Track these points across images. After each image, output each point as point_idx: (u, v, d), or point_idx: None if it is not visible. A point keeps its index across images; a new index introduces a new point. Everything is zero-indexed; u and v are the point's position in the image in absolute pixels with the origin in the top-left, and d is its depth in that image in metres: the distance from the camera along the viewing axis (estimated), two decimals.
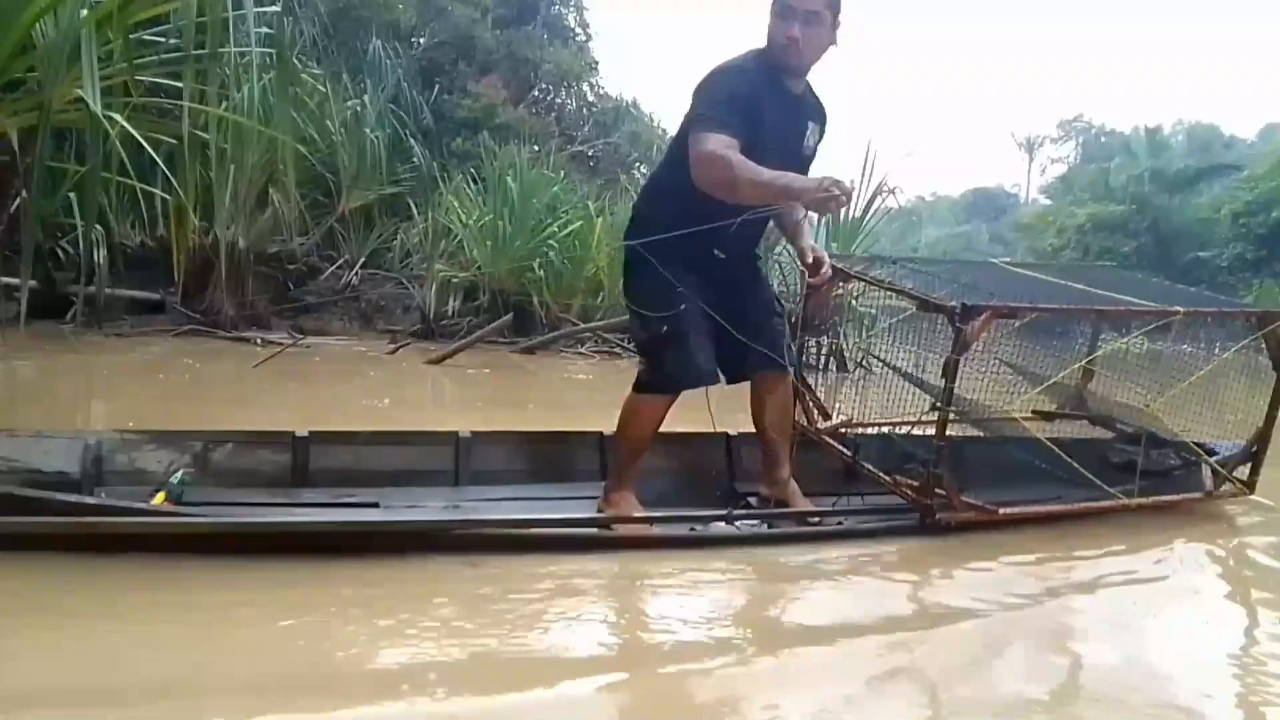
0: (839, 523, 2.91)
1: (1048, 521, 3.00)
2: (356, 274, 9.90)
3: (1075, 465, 2.91)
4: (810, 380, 3.61)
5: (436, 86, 12.72)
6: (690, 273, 2.79)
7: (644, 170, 15.48)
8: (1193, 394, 3.29)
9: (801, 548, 2.66)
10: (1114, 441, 3.46)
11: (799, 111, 2.81)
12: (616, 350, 9.23)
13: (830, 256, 3.06)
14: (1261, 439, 3.31)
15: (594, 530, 2.66)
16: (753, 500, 3.18)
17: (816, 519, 2.92)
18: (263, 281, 9.10)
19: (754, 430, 3.14)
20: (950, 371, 2.73)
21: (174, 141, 4.51)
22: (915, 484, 2.86)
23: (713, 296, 2.85)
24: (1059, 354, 3.48)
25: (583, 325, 9.19)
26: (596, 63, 15.77)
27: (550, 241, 9.49)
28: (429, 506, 2.93)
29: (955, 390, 2.78)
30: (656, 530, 2.74)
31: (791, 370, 3.09)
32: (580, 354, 9.11)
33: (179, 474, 2.80)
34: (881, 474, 2.99)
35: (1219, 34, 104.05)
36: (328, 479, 3.01)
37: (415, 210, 10.35)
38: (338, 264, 9.89)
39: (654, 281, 2.80)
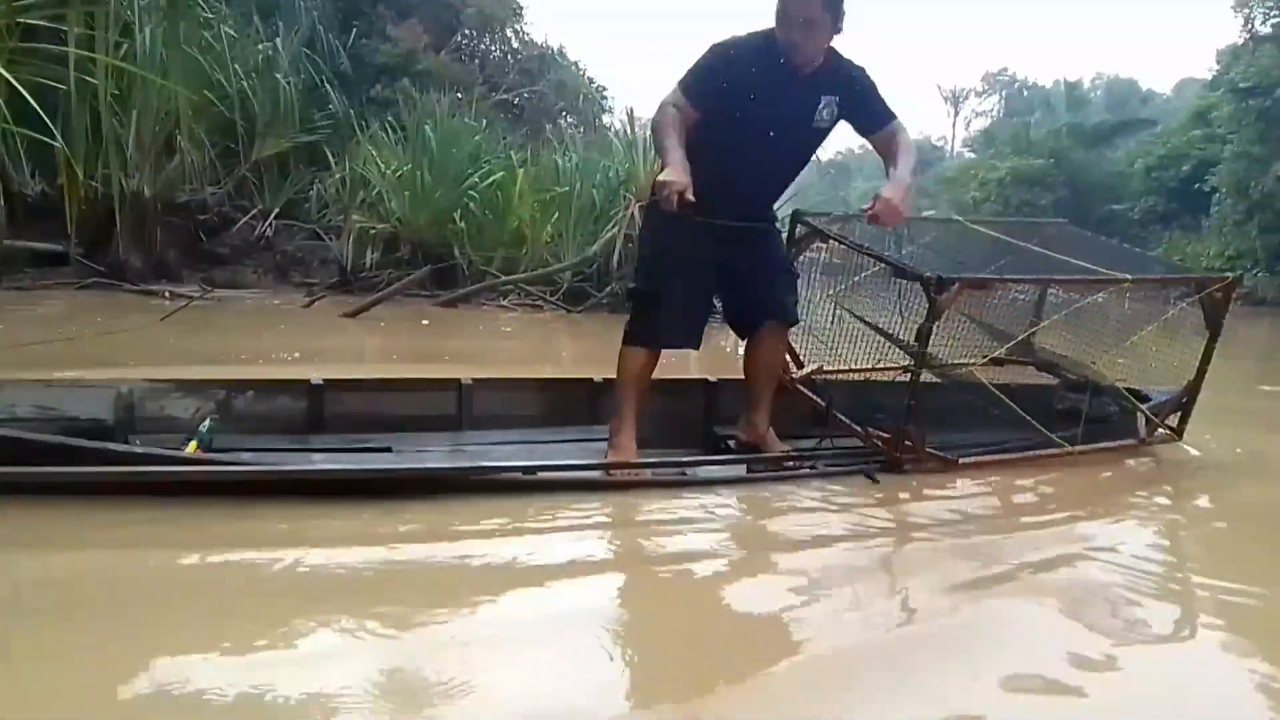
0: (811, 466, 3.05)
1: (1011, 465, 3.22)
2: (271, 225, 9.63)
3: (1026, 416, 3.17)
4: None
5: (354, 30, 12.32)
6: (696, 227, 2.85)
7: (571, 120, 15.33)
8: (1133, 346, 3.56)
9: (780, 486, 2.85)
10: (1059, 388, 3.67)
11: (808, 87, 2.92)
12: (539, 303, 9.19)
13: (807, 216, 3.30)
14: (1191, 391, 3.59)
15: (596, 474, 2.82)
16: (731, 444, 3.32)
17: (792, 463, 3.07)
18: (172, 233, 8.82)
19: (730, 377, 3.34)
20: (924, 338, 2.92)
21: (63, 88, 4.32)
22: (885, 435, 3.05)
23: (724, 255, 3.02)
24: (1012, 307, 3.68)
25: (505, 277, 9.11)
26: (521, 8, 15.44)
27: (471, 192, 9.35)
28: (437, 451, 3.10)
29: (916, 374, 2.98)
30: (649, 474, 2.90)
31: (796, 323, 3.26)
32: (503, 306, 9.05)
33: (206, 422, 2.88)
34: (854, 425, 3.16)
35: None
36: (341, 424, 3.13)
37: (332, 159, 10.07)
38: (251, 214, 9.60)
39: (649, 243, 3.12)
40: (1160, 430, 3.64)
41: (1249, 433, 4.33)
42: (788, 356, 3.44)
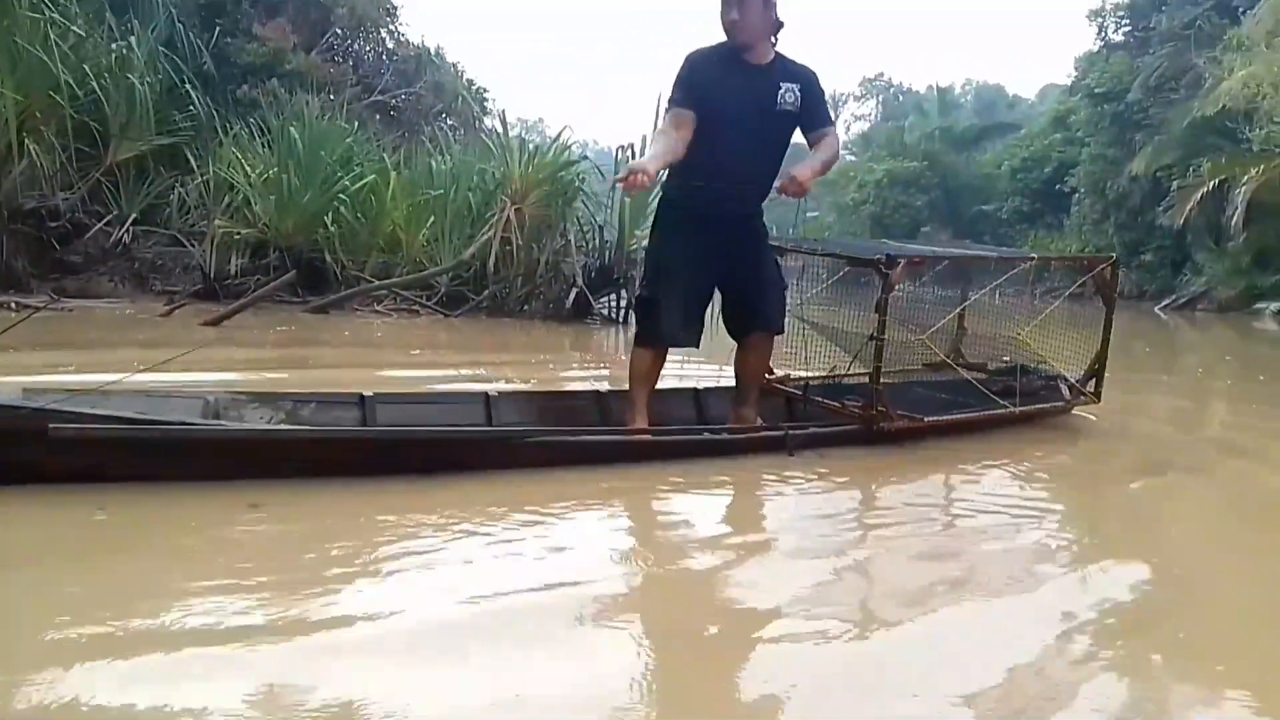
0: (795, 432, 3.57)
1: (959, 430, 3.91)
2: (128, 231, 9.19)
3: (977, 384, 3.95)
4: None
5: (217, 29, 11.87)
6: (692, 231, 3.45)
7: (450, 122, 15.14)
8: (1046, 331, 4.33)
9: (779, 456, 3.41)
10: (992, 376, 4.28)
11: (766, 77, 3.38)
12: (415, 308, 9.05)
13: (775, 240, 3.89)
14: (1100, 359, 4.29)
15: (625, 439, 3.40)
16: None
17: (783, 434, 3.55)
18: (19, 241, 8.35)
19: (716, 386, 3.99)
20: (882, 308, 3.55)
21: None
22: (859, 407, 3.69)
23: (723, 266, 3.50)
24: (941, 306, 4.34)
25: (379, 282, 8.94)
26: (396, 8, 15.15)
27: (342, 196, 9.12)
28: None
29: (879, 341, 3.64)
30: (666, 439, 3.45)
31: (781, 333, 3.83)
32: (377, 312, 8.86)
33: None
34: (832, 403, 3.82)
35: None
36: None
37: (194, 163, 9.67)
38: (106, 220, 9.14)
39: (652, 251, 3.65)
40: (1081, 397, 4.33)
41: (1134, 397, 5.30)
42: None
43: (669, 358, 3.69)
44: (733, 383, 3.82)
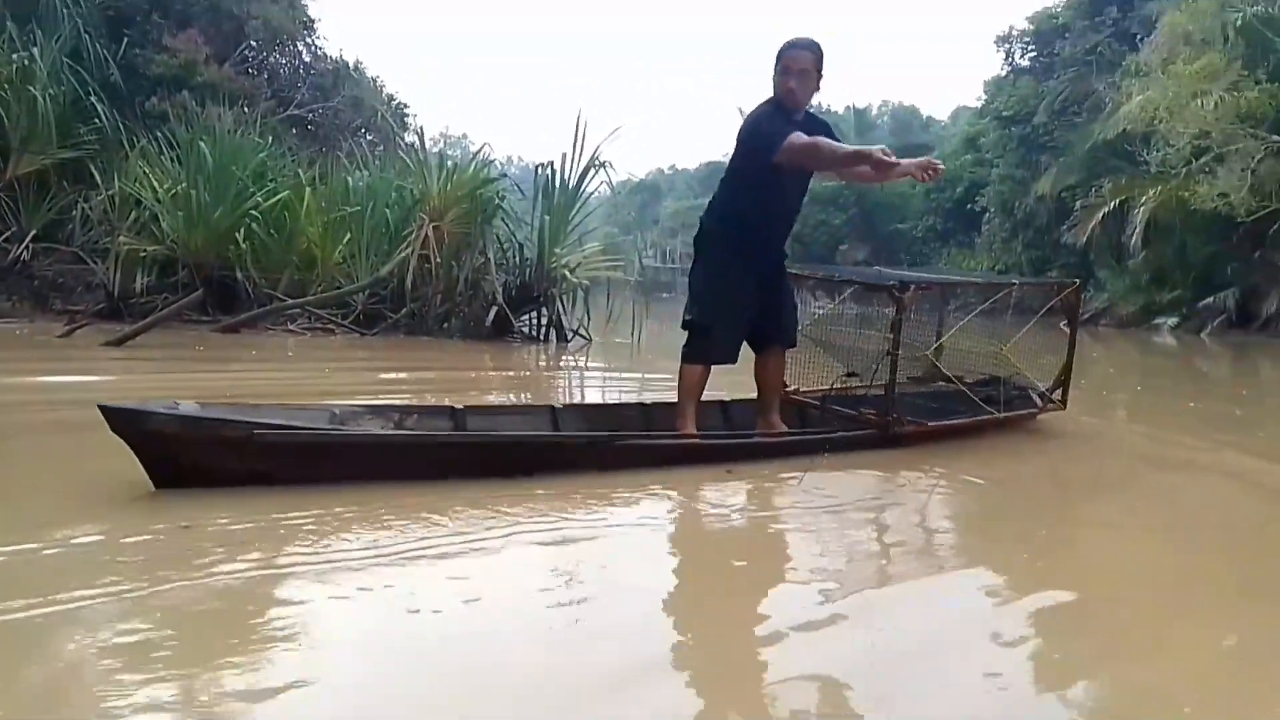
0: (823, 436, 4.04)
1: (956, 434, 4.34)
2: (28, 248, 8.88)
3: (970, 394, 4.44)
4: None
5: (126, 40, 11.55)
6: (742, 268, 3.89)
7: (370, 137, 14.93)
8: (1020, 347, 4.73)
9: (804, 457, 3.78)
10: (973, 387, 4.65)
11: (805, 127, 3.79)
12: (331, 327, 8.89)
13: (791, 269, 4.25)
14: (1066, 370, 4.75)
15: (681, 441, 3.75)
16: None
17: (822, 438, 4.00)
18: None
19: (740, 397, 4.36)
20: (896, 328, 4.01)
21: None
22: (874, 413, 4.12)
23: (754, 286, 3.92)
24: (924, 328, 4.69)
25: (292, 300, 8.76)
26: (313, 20, 14.93)
27: (254, 212, 8.94)
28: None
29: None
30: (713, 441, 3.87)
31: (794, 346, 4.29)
32: (290, 331, 8.69)
33: None
34: (849, 411, 4.25)
35: (925, 21, 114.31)
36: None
37: (99, 177, 9.38)
38: (4, 236, 8.81)
39: (701, 280, 3.94)
40: (1050, 404, 4.79)
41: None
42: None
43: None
44: (736, 395, 4.36)
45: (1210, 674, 1.95)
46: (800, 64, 3.78)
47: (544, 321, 9.58)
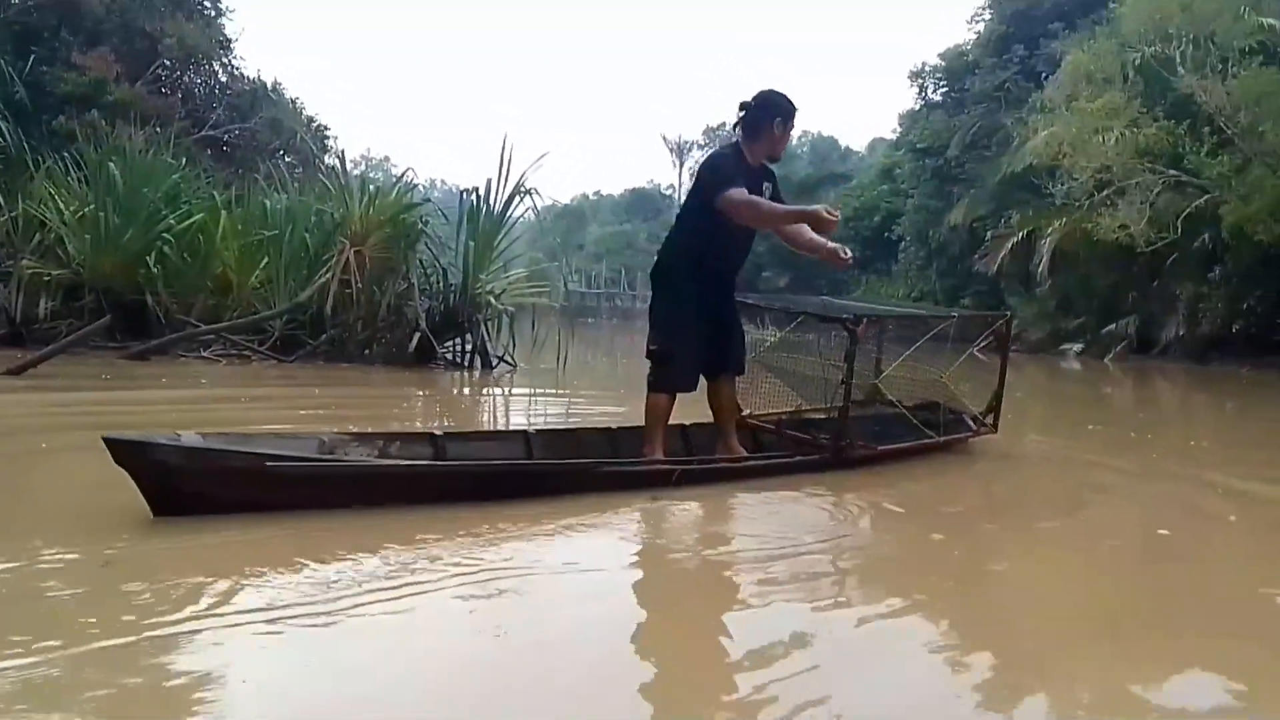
0: (783, 460, 4.30)
1: (903, 455, 4.61)
2: None
3: (915, 421, 4.68)
4: None
5: (32, 57, 11.18)
6: (699, 300, 4.06)
7: (289, 160, 14.66)
8: (953, 374, 5.02)
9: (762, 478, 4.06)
10: (915, 411, 4.87)
11: (758, 176, 4.13)
12: (247, 353, 8.66)
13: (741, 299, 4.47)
14: (996, 397, 5.11)
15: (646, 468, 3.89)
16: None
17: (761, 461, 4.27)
18: None
19: (699, 423, 4.46)
20: (850, 359, 4.22)
21: None
22: (826, 437, 4.38)
23: (710, 317, 4.12)
24: (864, 355, 4.82)
25: (206, 326, 8.52)
26: (230, 40, 14.67)
27: (167, 235, 8.68)
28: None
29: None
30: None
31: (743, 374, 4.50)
32: (204, 358, 8.43)
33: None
34: (802, 435, 4.52)
35: (842, 55, 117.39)
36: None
37: (1, 198, 9.01)
38: None
39: (662, 312, 4.12)
40: (983, 428, 5.14)
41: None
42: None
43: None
44: (683, 421, 4.44)
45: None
46: (790, 129, 4.26)
47: (468, 348, 9.50)
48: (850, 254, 4.28)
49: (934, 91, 27.90)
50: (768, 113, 4.14)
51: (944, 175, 25.13)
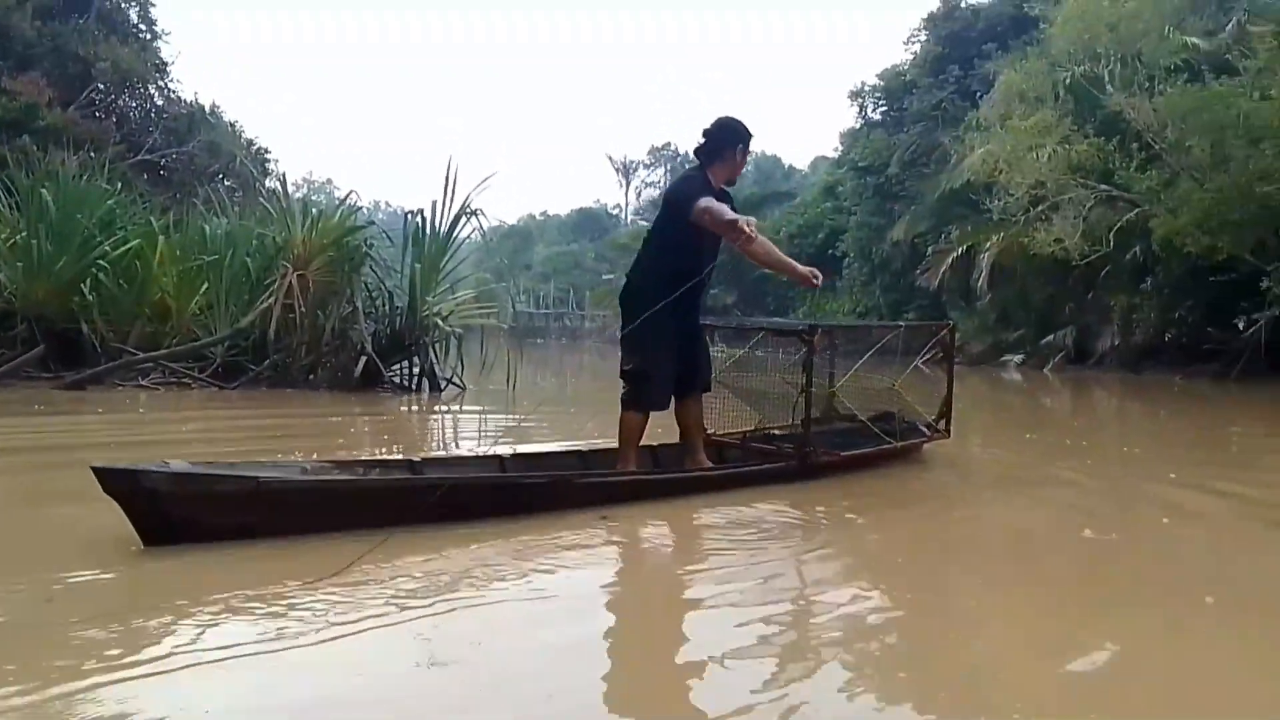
0: (753, 470, 4.49)
1: (864, 462, 4.80)
2: None
3: (874, 429, 4.85)
4: None
5: None
6: (671, 320, 4.13)
7: (229, 183, 14.45)
8: (905, 387, 5.24)
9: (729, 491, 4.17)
10: (872, 420, 5.05)
11: (721, 198, 4.24)
12: (187, 380, 8.49)
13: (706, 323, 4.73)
14: (947, 403, 5.36)
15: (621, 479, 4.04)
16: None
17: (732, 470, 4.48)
18: None
19: (665, 443, 4.64)
20: (808, 367, 4.44)
21: None
22: (791, 446, 4.60)
23: (684, 343, 4.29)
24: (819, 369, 4.96)
25: (143, 354, 8.34)
26: (166, 64, 14.46)
27: (102, 261, 8.50)
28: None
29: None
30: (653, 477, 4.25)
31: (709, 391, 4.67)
32: (142, 386, 8.23)
33: None
34: (768, 447, 4.74)
35: (783, 74, 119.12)
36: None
37: None
38: None
39: (637, 334, 4.12)
40: (937, 434, 5.37)
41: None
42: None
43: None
44: (652, 440, 4.57)
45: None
46: (748, 148, 4.46)
47: (416, 370, 9.41)
48: (820, 279, 4.49)
49: (874, 110, 28.41)
50: (729, 139, 4.33)
51: (885, 193, 25.57)
